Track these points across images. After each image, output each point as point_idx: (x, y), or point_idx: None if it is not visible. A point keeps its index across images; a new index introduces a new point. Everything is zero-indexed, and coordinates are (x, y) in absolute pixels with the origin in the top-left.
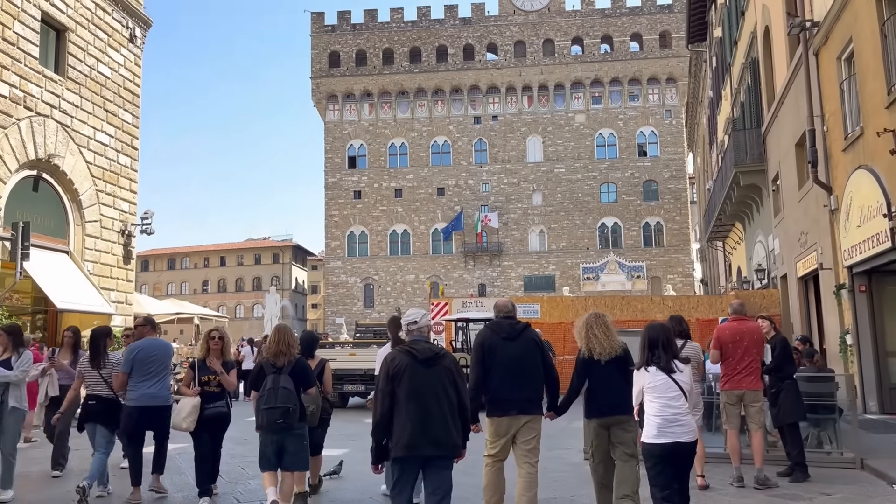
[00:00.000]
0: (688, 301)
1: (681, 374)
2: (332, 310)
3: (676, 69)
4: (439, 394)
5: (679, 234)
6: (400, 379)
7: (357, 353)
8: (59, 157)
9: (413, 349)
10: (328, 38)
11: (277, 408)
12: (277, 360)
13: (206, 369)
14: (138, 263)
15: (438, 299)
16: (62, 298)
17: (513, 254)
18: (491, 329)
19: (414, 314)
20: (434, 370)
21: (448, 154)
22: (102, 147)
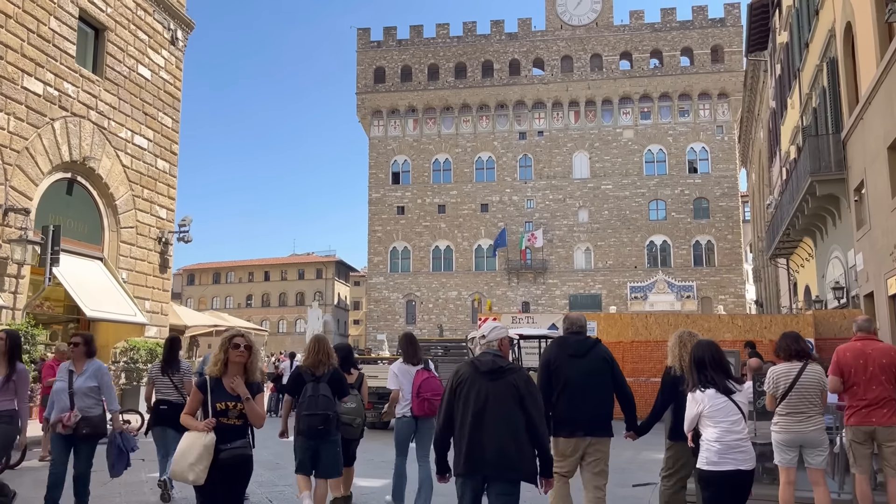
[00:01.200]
0: (760, 321)
1: (739, 394)
2: (373, 326)
3: (729, 84)
4: (502, 410)
5: (731, 253)
6: (461, 391)
7: None
8: (94, 159)
9: (477, 360)
10: (374, 53)
11: (318, 414)
12: (316, 369)
13: (224, 392)
14: (184, 277)
15: (486, 314)
16: (93, 307)
17: (558, 271)
18: (558, 345)
19: (484, 328)
20: (498, 384)
21: (492, 170)
22: (140, 151)
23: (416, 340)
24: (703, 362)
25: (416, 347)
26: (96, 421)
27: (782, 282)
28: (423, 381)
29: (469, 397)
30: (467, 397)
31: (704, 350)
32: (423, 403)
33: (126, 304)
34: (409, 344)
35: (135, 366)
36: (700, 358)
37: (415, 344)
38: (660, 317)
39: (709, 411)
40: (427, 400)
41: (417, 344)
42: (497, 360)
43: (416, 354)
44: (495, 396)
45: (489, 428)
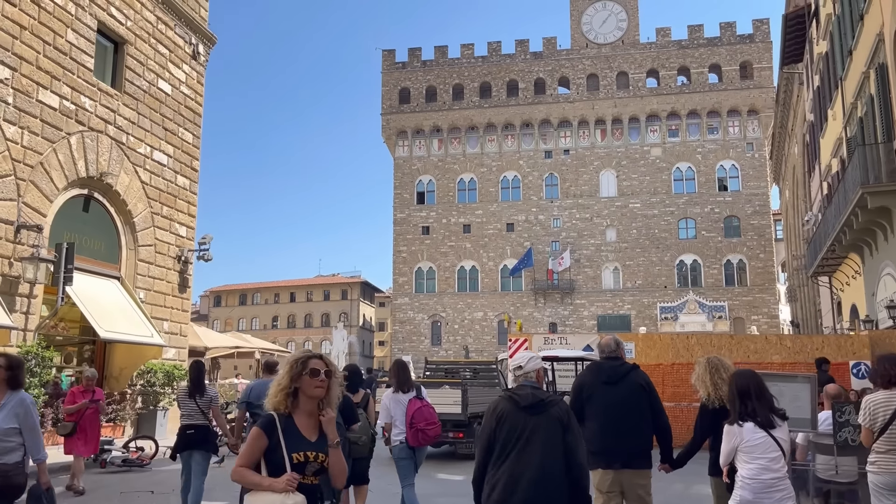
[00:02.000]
0: (811, 341)
1: (780, 430)
2: (398, 347)
3: (758, 100)
4: (544, 447)
5: (764, 272)
6: (501, 428)
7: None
8: (112, 175)
9: (515, 395)
10: (399, 74)
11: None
12: None
13: (299, 437)
14: (210, 299)
15: (516, 335)
16: (108, 328)
17: (585, 291)
18: (591, 372)
19: (520, 358)
20: (539, 419)
21: (518, 189)
22: (160, 167)
23: (407, 368)
24: (746, 392)
25: (407, 375)
26: (11, 471)
27: (824, 301)
28: (416, 410)
29: (511, 435)
30: (508, 434)
31: (748, 380)
32: (418, 434)
33: (143, 324)
34: (401, 371)
35: (152, 389)
36: (744, 388)
37: (406, 371)
38: (702, 337)
39: (745, 446)
40: (421, 430)
41: (409, 372)
42: (536, 392)
43: (408, 382)
44: (539, 432)
45: (532, 466)
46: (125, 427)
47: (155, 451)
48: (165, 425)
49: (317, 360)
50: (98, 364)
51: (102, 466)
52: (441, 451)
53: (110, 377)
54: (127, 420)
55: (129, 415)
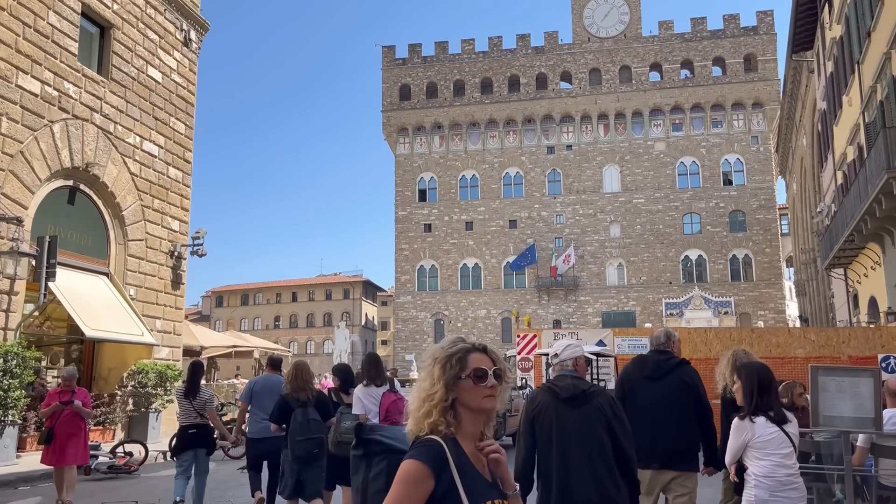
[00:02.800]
0: (837, 334)
1: (791, 425)
2: (401, 346)
3: (763, 93)
4: (588, 442)
5: (770, 267)
6: (541, 422)
7: None
8: (99, 166)
9: (555, 386)
10: (399, 71)
11: (314, 439)
12: (299, 394)
13: (478, 479)
14: (212, 299)
15: (525, 331)
16: (94, 326)
17: (589, 288)
18: (635, 365)
19: (556, 346)
20: (582, 412)
21: (520, 185)
22: (150, 158)
23: (380, 361)
24: (760, 386)
25: (379, 369)
26: None
27: (838, 294)
28: (391, 403)
29: (551, 429)
30: (549, 429)
31: (762, 372)
32: None
33: (133, 323)
34: (373, 365)
35: (144, 390)
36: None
37: (379, 365)
38: (721, 332)
39: (757, 442)
40: (396, 423)
41: (381, 365)
42: (577, 382)
43: (381, 376)
44: (582, 425)
45: (581, 463)
46: (115, 430)
47: (144, 456)
48: (158, 428)
49: (480, 356)
50: (86, 364)
51: (87, 474)
52: None
53: (99, 378)
54: (117, 423)
55: (120, 418)
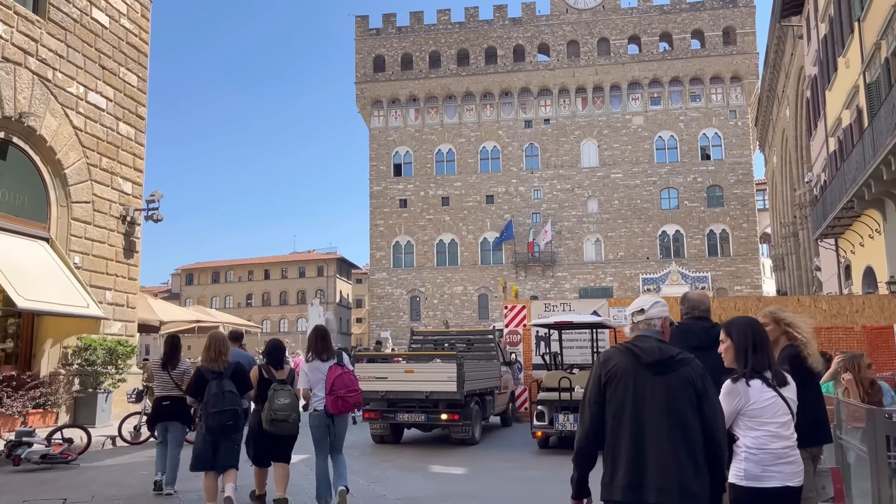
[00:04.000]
0: (850, 303)
1: (789, 388)
2: (376, 323)
3: (742, 67)
4: (673, 416)
5: (747, 242)
6: (614, 388)
7: (416, 371)
8: (35, 116)
9: (636, 347)
10: (373, 41)
11: (227, 410)
12: (213, 365)
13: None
14: (182, 277)
15: (512, 302)
16: (29, 296)
17: (567, 264)
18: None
19: (641, 301)
20: (667, 380)
21: (497, 160)
22: (97, 112)
23: (327, 335)
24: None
25: (326, 342)
26: None
27: (826, 266)
28: (337, 377)
29: (627, 398)
30: (624, 398)
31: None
32: (338, 401)
33: (77, 293)
34: (319, 339)
35: (92, 368)
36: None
37: (326, 339)
38: (725, 301)
39: (751, 409)
40: (341, 398)
41: (329, 338)
42: (664, 346)
43: (327, 350)
44: (666, 398)
45: (659, 442)
46: (58, 414)
47: (87, 443)
48: (109, 410)
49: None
50: (24, 340)
51: (16, 464)
52: (432, 437)
53: (39, 355)
54: (61, 406)
55: (64, 399)
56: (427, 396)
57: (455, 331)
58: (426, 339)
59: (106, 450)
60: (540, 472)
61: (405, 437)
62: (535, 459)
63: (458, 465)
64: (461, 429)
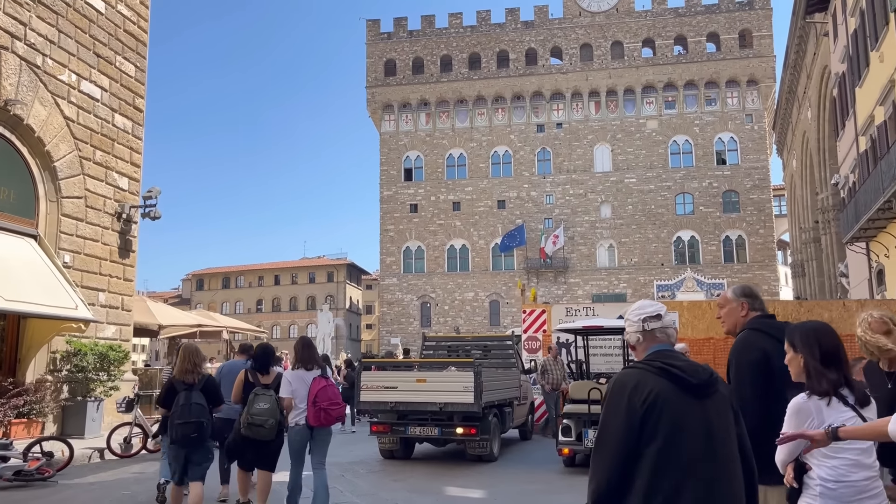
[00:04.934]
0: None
1: (870, 409)
2: (386, 329)
3: (758, 70)
4: (727, 446)
5: (763, 248)
6: (656, 422)
7: (429, 380)
8: (21, 104)
9: (674, 368)
10: (384, 45)
11: (191, 423)
12: (186, 377)
13: None
14: (192, 282)
15: (531, 305)
16: (11, 296)
17: (580, 270)
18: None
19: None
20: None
21: (509, 164)
22: (91, 102)
23: (312, 345)
24: (836, 356)
25: (311, 352)
26: None
27: (855, 271)
28: (320, 389)
29: (675, 431)
30: (672, 433)
31: (823, 335)
32: (320, 413)
33: (65, 294)
34: (305, 348)
35: (82, 375)
36: (826, 347)
37: (311, 349)
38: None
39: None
40: (324, 410)
41: (314, 349)
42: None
43: (313, 360)
44: (716, 426)
45: (720, 487)
46: (45, 424)
47: (69, 458)
48: (99, 420)
49: None
50: (9, 344)
51: None
52: (446, 452)
53: (24, 360)
54: (47, 415)
55: (51, 408)
56: (441, 408)
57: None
58: (439, 345)
59: (92, 464)
60: (571, 496)
61: (416, 452)
62: (564, 480)
63: (477, 487)
64: (478, 444)
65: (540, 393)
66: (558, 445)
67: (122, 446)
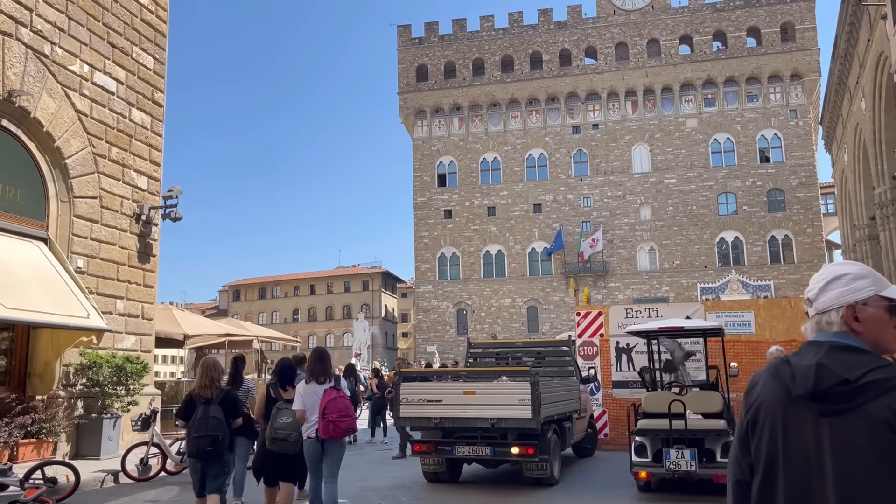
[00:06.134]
0: None
1: None
2: (422, 337)
3: (802, 63)
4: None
5: (812, 248)
6: (758, 438)
7: (478, 392)
8: (27, 95)
9: (786, 364)
10: (415, 51)
11: (207, 436)
12: (204, 392)
13: None
14: (229, 293)
15: (585, 307)
16: (14, 304)
17: (619, 274)
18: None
19: (814, 279)
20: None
21: (544, 167)
22: (105, 95)
23: (326, 357)
24: None
25: (325, 364)
26: None
27: None
28: (330, 401)
29: (773, 459)
30: (771, 456)
31: None
32: (329, 426)
33: (77, 302)
34: (318, 360)
35: (98, 390)
36: None
37: (325, 361)
38: None
39: None
40: (332, 422)
41: (328, 361)
42: (838, 359)
43: (325, 372)
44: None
45: None
46: (57, 444)
47: (74, 485)
48: (116, 439)
49: None
50: (18, 357)
51: None
52: (498, 474)
53: (33, 375)
54: (60, 434)
55: (64, 426)
56: (493, 424)
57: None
58: (486, 351)
59: (105, 489)
60: None
61: (465, 474)
62: None
63: None
64: (537, 465)
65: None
66: (633, 468)
67: (139, 468)
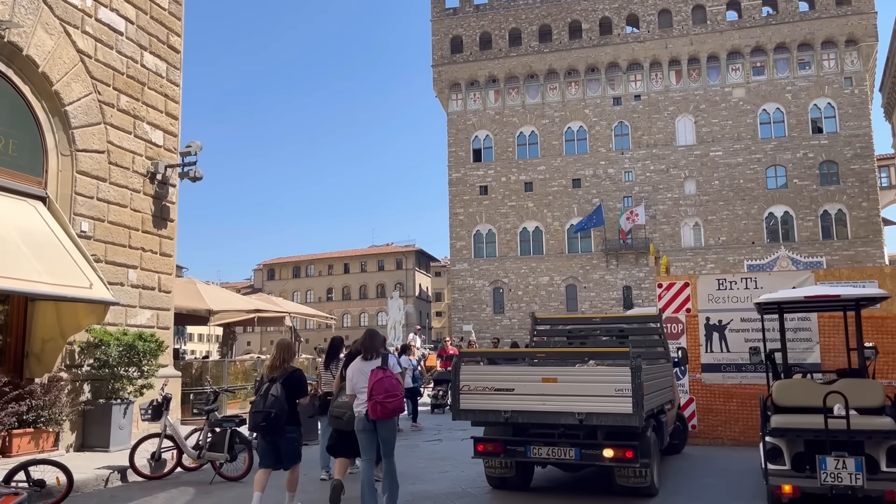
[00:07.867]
0: None
1: None
2: (458, 316)
3: (858, 28)
4: None
5: (867, 223)
6: None
7: (560, 379)
8: (17, 28)
9: None
10: (450, 22)
11: (260, 412)
12: (272, 372)
13: None
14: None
15: (667, 278)
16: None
17: (663, 250)
18: None
19: None
20: None
21: (584, 141)
22: (112, 35)
23: (376, 336)
24: None
25: (375, 342)
26: None
27: None
28: (377, 381)
29: None
30: None
31: None
32: (376, 407)
33: (78, 270)
34: (367, 339)
35: (106, 371)
36: None
37: (373, 339)
38: None
39: None
40: (379, 403)
41: (378, 339)
42: None
43: (374, 350)
44: None
45: None
46: (59, 434)
47: (67, 488)
48: (129, 428)
49: None
50: (14, 335)
51: None
52: (578, 478)
53: (31, 355)
54: (62, 423)
55: (67, 413)
56: (581, 420)
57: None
58: (554, 328)
59: (109, 489)
60: None
61: (536, 478)
62: None
63: None
64: (635, 471)
65: (686, 391)
66: (770, 478)
67: (151, 464)
